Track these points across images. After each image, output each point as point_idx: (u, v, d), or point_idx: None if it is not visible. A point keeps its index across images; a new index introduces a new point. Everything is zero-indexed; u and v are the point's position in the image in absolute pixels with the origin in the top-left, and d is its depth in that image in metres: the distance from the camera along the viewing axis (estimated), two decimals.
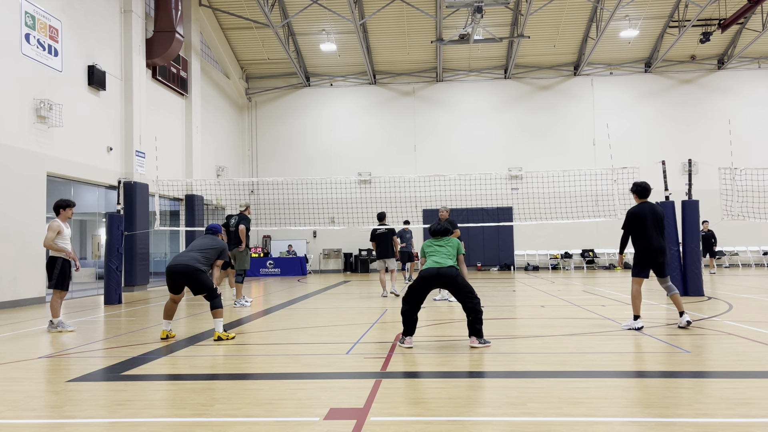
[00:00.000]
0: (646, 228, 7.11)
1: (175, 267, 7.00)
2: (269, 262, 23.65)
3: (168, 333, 7.12)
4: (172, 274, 7.02)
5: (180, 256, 7.17)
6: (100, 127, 15.38)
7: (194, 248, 7.23)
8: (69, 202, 8.43)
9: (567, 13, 22.27)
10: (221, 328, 7.00)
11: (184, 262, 6.99)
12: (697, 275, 11.10)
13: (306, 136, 25.95)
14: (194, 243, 7.40)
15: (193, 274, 6.95)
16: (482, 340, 6.34)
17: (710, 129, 24.29)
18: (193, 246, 7.31)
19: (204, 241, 7.36)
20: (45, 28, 13.27)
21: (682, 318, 7.18)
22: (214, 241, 7.39)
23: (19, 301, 12.05)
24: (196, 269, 6.97)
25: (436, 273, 6.34)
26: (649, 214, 7.18)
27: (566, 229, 23.41)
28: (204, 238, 7.44)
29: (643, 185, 7.42)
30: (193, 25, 20.34)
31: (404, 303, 6.43)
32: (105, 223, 13.53)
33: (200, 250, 7.19)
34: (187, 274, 6.96)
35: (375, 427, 3.61)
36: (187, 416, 3.94)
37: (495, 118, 25.42)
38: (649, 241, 7.07)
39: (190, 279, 6.98)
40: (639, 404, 4.05)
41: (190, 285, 7.08)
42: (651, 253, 7.08)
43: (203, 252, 7.17)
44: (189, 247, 7.38)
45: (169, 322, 7.19)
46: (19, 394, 4.59)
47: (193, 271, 6.95)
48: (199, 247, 7.25)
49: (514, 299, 11.57)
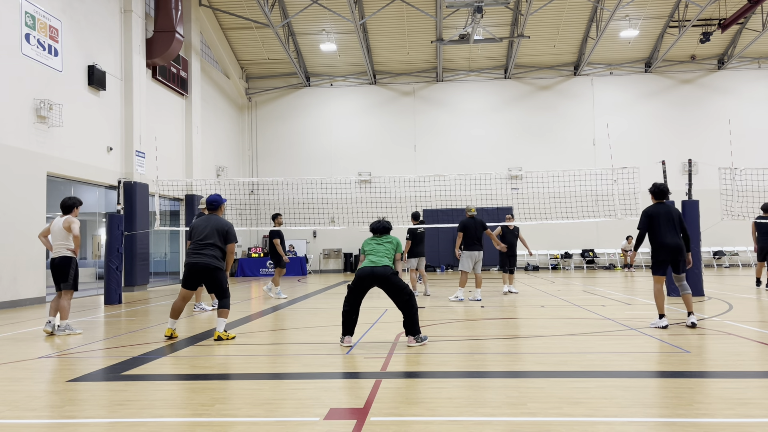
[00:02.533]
0: (660, 226, 7.24)
1: (196, 264, 7.01)
2: (269, 263, 23.64)
3: (173, 332, 7.12)
4: (193, 270, 7.04)
5: (198, 250, 7.04)
6: (100, 127, 15.38)
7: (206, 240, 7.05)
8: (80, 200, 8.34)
9: (567, 13, 22.27)
10: (223, 328, 6.99)
11: (203, 261, 7.00)
12: (697, 275, 11.10)
13: (306, 136, 25.95)
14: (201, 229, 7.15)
15: (213, 272, 7.04)
16: (419, 338, 6.36)
17: (710, 129, 24.29)
18: (203, 235, 7.09)
19: (210, 226, 7.12)
20: (45, 28, 13.27)
21: (690, 318, 7.27)
22: (218, 223, 7.17)
23: (19, 301, 12.05)
24: (216, 268, 7.05)
25: (370, 272, 6.37)
26: (663, 213, 7.32)
27: (566, 229, 23.40)
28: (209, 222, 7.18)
29: (660, 187, 7.58)
30: (193, 25, 20.34)
31: (345, 303, 6.46)
32: (105, 223, 13.53)
33: (213, 243, 7.05)
34: (207, 272, 7.03)
35: (375, 427, 3.61)
36: (187, 416, 3.94)
37: (495, 118, 25.42)
38: (663, 237, 7.20)
39: (210, 277, 7.06)
40: (639, 404, 4.05)
41: (207, 282, 7.14)
42: (664, 250, 7.19)
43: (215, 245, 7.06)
44: (197, 232, 7.14)
45: (175, 321, 7.18)
46: (19, 394, 4.59)
47: (213, 269, 7.03)
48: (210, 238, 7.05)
49: (514, 299, 11.56)
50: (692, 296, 10.91)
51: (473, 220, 11.57)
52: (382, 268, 6.40)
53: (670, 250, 7.20)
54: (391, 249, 6.62)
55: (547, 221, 16.00)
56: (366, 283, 6.43)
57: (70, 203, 8.11)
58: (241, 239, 25.49)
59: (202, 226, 7.20)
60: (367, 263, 6.51)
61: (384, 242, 6.68)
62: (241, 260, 23.79)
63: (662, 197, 7.54)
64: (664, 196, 7.54)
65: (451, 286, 15.44)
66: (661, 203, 7.49)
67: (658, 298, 7.33)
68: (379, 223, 6.93)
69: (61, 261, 7.85)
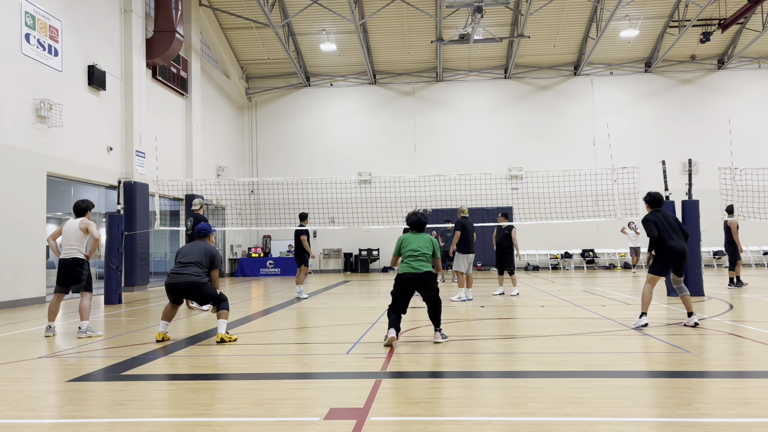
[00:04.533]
0: (667, 230, 7.25)
1: (176, 284, 6.89)
2: (269, 262, 23.65)
3: (164, 335, 6.94)
4: (174, 290, 6.93)
5: (177, 273, 6.95)
6: (100, 127, 15.38)
7: (189, 259, 7.00)
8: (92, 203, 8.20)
9: (567, 13, 22.27)
10: (224, 329, 6.87)
11: (184, 280, 6.87)
12: (697, 275, 11.10)
13: (306, 136, 25.94)
14: (187, 251, 7.14)
15: (195, 288, 6.90)
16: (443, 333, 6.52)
17: (710, 129, 24.28)
18: (188, 256, 7.05)
19: (197, 250, 7.10)
20: (45, 28, 13.27)
21: (691, 318, 7.29)
22: (204, 248, 7.12)
23: (19, 301, 12.04)
24: (198, 283, 6.89)
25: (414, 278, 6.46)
26: (663, 219, 7.35)
27: (566, 229, 23.41)
28: (196, 246, 7.17)
29: (656, 196, 7.58)
30: (193, 25, 20.34)
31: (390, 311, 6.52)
32: (105, 223, 13.52)
33: (196, 262, 6.99)
34: (189, 290, 6.91)
35: (375, 427, 3.61)
36: (187, 416, 3.94)
37: (495, 118, 25.42)
38: (673, 241, 7.21)
39: (194, 293, 6.93)
40: (639, 404, 4.05)
41: (195, 298, 7.03)
42: (672, 253, 7.20)
43: (198, 265, 6.97)
44: (182, 254, 7.12)
45: (167, 323, 7.07)
46: (19, 394, 4.59)
47: (195, 285, 6.88)
48: (194, 258, 7.01)
49: (514, 299, 11.56)
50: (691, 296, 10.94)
51: (468, 220, 11.59)
52: (424, 274, 6.44)
53: (678, 254, 7.22)
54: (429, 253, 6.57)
55: (547, 221, 15.99)
56: (411, 288, 6.48)
57: (83, 206, 7.94)
58: (241, 239, 25.48)
59: (190, 248, 7.18)
60: (408, 269, 6.46)
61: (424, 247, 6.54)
62: (241, 260, 23.79)
63: (658, 205, 7.57)
64: (660, 204, 7.59)
65: (450, 286, 15.43)
66: (658, 211, 7.51)
67: (646, 297, 7.37)
68: (417, 217, 6.73)
69: (74, 262, 7.66)
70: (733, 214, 12.51)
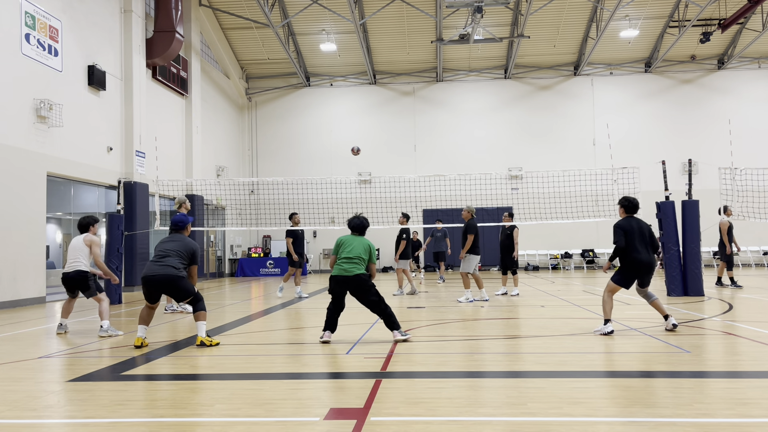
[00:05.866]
0: (634, 241, 6.94)
1: (153, 277, 6.53)
2: (269, 262, 23.65)
3: (143, 341, 6.53)
4: (150, 284, 6.56)
5: (155, 264, 6.61)
6: (100, 127, 15.38)
7: (168, 253, 6.65)
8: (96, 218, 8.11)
9: (567, 13, 22.27)
10: (204, 332, 6.56)
11: (161, 272, 6.52)
12: (697, 275, 11.10)
13: (306, 136, 25.94)
14: (164, 246, 6.77)
15: (173, 282, 6.55)
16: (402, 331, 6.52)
17: (710, 129, 24.27)
18: (165, 250, 6.70)
19: (174, 245, 6.75)
20: (45, 28, 13.27)
21: (668, 321, 6.99)
22: (183, 242, 6.79)
23: (19, 301, 12.04)
24: (177, 277, 6.53)
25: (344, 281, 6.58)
26: (636, 228, 7.02)
27: (566, 229, 23.38)
28: (172, 241, 6.81)
29: (633, 201, 7.25)
30: (193, 25, 20.33)
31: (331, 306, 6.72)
32: (105, 223, 13.52)
33: (176, 253, 6.65)
34: (166, 284, 6.56)
35: (375, 427, 3.61)
36: (187, 416, 3.94)
37: (495, 118, 25.42)
38: (638, 254, 6.90)
39: (172, 287, 6.62)
40: (639, 404, 4.05)
41: (172, 293, 6.73)
42: (638, 266, 6.91)
43: (178, 257, 6.63)
44: (159, 249, 6.75)
45: (145, 328, 6.67)
46: (19, 394, 4.59)
47: (173, 279, 6.52)
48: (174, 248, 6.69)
49: (514, 299, 11.56)
50: (691, 296, 10.95)
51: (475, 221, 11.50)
52: (354, 277, 6.51)
53: (643, 267, 6.93)
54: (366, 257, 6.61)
55: (547, 221, 16.00)
56: (343, 289, 6.60)
57: (85, 222, 7.92)
58: (241, 239, 25.48)
59: (168, 241, 6.87)
60: (340, 271, 6.57)
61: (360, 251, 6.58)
62: (241, 260, 23.79)
63: (633, 211, 7.23)
64: (635, 210, 7.24)
65: (450, 285, 15.43)
66: (632, 217, 7.20)
67: (607, 304, 7.02)
68: (359, 220, 6.81)
69: (77, 275, 7.65)
70: (726, 214, 12.44)
